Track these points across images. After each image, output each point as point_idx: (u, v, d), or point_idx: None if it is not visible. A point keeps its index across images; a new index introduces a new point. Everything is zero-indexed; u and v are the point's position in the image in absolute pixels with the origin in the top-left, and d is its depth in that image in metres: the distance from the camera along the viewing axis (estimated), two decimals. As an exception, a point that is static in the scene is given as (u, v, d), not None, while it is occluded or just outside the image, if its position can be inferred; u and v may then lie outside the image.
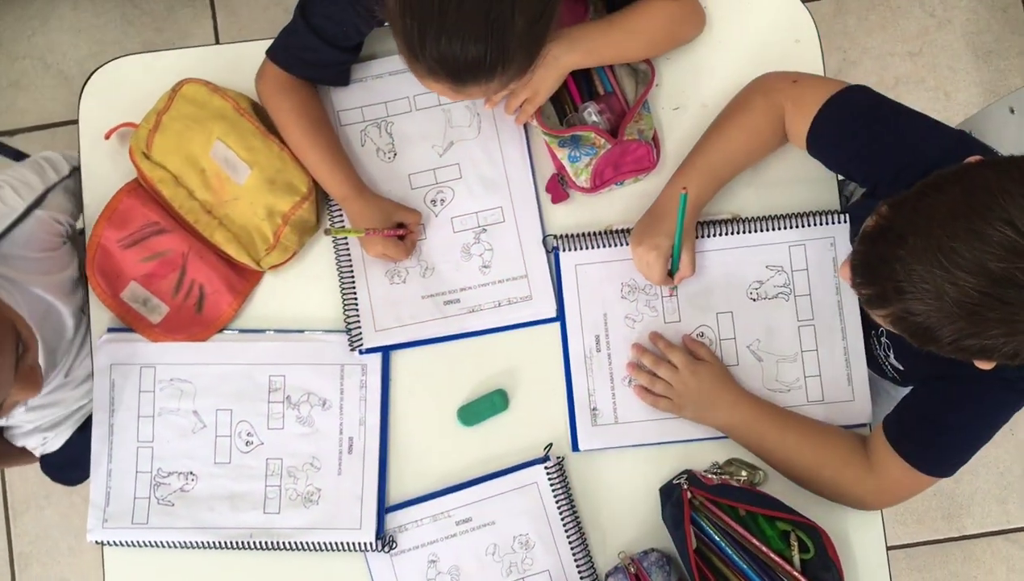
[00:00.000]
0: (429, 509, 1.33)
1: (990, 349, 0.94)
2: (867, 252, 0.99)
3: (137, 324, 1.37)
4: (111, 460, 1.35)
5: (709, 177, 1.29)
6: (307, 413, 1.35)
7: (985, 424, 1.17)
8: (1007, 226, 0.88)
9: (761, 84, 1.32)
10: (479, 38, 1.05)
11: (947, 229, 0.91)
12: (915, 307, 0.94)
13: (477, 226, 1.37)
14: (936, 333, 0.95)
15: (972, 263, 0.89)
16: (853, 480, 1.25)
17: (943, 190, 0.94)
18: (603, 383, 1.35)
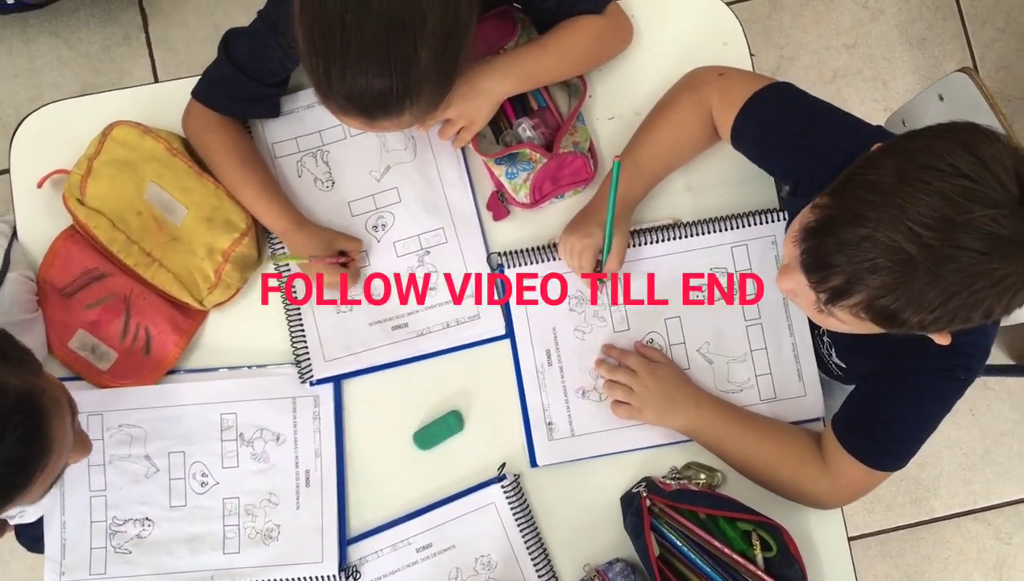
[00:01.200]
0: (389, 538, 1.32)
1: (962, 316, 0.92)
2: (820, 245, 0.96)
3: (86, 372, 1.35)
4: (64, 512, 1.33)
5: (640, 174, 1.30)
6: (261, 449, 1.34)
7: (927, 415, 1.18)
8: (961, 177, 0.88)
9: (689, 79, 1.33)
10: (383, 73, 1.05)
11: (903, 194, 0.90)
12: (883, 284, 0.92)
13: (420, 249, 1.37)
14: (905, 314, 0.93)
15: (933, 220, 0.88)
16: (810, 480, 1.26)
17: (879, 165, 0.93)
18: (557, 397, 1.35)
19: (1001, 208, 0.88)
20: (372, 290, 1.35)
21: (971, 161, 0.89)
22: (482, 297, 1.36)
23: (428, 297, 1.36)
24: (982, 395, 2.31)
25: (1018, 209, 0.88)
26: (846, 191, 0.96)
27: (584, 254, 1.29)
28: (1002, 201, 0.88)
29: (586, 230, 1.29)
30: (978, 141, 0.90)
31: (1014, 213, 0.88)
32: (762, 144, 1.27)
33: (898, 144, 0.96)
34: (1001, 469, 2.29)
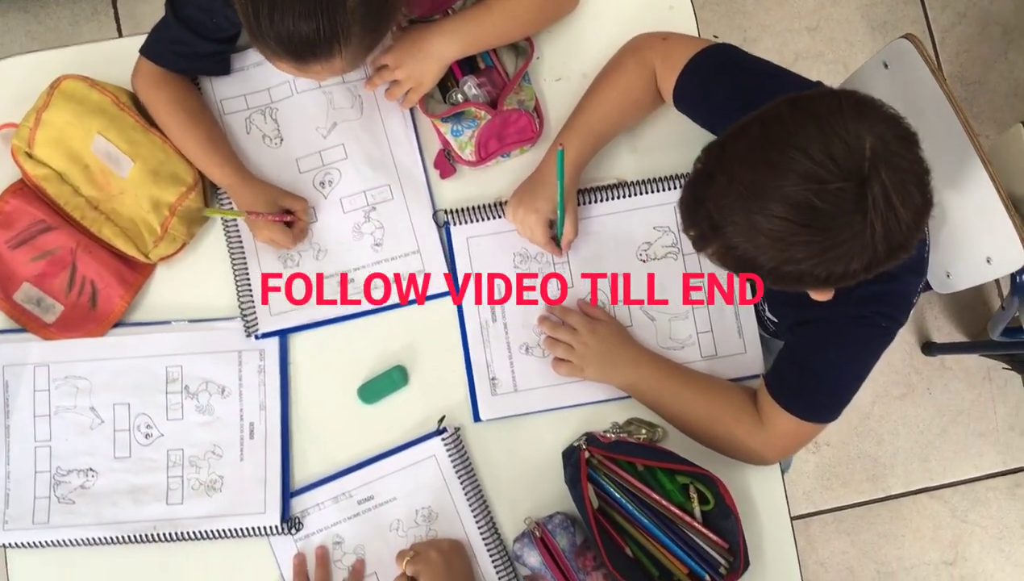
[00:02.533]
0: (330, 491, 1.33)
1: (805, 275, 0.98)
2: (686, 197, 1.04)
3: (32, 325, 1.36)
4: (8, 462, 1.34)
5: (587, 137, 1.31)
6: (206, 402, 1.34)
7: (852, 363, 1.20)
8: (801, 153, 0.92)
9: (633, 44, 1.35)
10: (309, 15, 1.07)
11: (747, 164, 0.96)
12: (731, 241, 0.98)
13: (366, 205, 1.38)
14: (755, 263, 0.99)
15: (772, 191, 0.94)
16: (744, 433, 1.28)
17: (746, 129, 0.99)
18: (501, 353, 1.36)
19: (832, 183, 0.91)
20: (372, 291, 1.36)
21: (816, 137, 0.92)
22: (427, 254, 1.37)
23: (374, 253, 1.37)
24: (939, 374, 2.34)
25: (852, 185, 0.92)
26: (713, 149, 1.02)
27: (536, 227, 1.32)
28: (834, 177, 0.91)
29: (533, 204, 1.31)
30: (833, 114, 0.93)
31: (847, 190, 0.92)
32: (704, 105, 1.29)
33: (767, 112, 0.99)
34: (957, 447, 2.32)
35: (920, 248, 1.20)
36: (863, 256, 0.95)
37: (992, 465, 2.31)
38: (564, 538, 1.29)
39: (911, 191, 0.94)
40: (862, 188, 0.91)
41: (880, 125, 0.93)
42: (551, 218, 1.31)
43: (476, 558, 1.32)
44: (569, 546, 1.29)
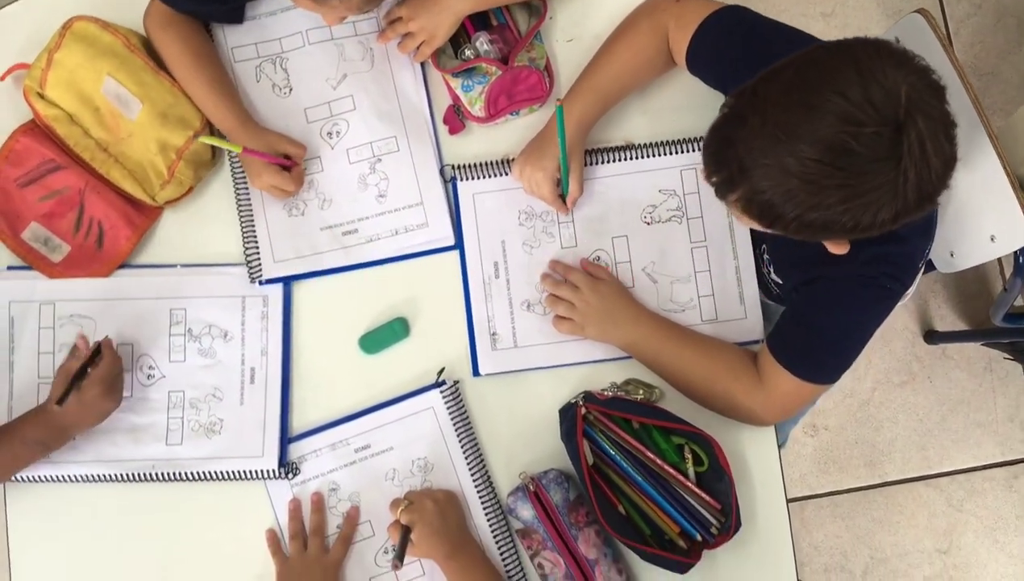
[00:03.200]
0: (327, 438, 1.34)
1: (832, 223, 0.97)
2: (713, 140, 1.03)
3: (38, 264, 1.37)
4: (12, 397, 1.35)
5: (596, 96, 1.32)
6: (208, 345, 1.35)
7: (855, 324, 1.20)
8: (838, 96, 0.91)
9: (647, 5, 1.35)
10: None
11: (782, 105, 0.95)
12: (759, 185, 0.97)
13: (372, 156, 1.39)
14: (781, 209, 0.98)
15: (807, 134, 0.93)
16: (743, 393, 1.28)
17: (779, 73, 0.98)
18: (502, 308, 1.37)
19: (869, 127, 0.91)
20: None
21: (855, 80, 0.92)
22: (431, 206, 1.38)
23: (378, 204, 1.38)
24: (941, 363, 2.34)
25: (887, 131, 0.91)
26: (744, 92, 1.00)
27: (543, 184, 1.32)
28: (871, 121, 0.91)
29: (540, 163, 1.32)
30: (871, 59, 0.93)
31: (883, 134, 0.91)
32: (717, 66, 1.29)
33: (802, 56, 0.99)
34: (956, 437, 2.32)
35: (931, 211, 1.21)
36: (893, 205, 0.94)
37: (990, 456, 2.31)
38: (558, 493, 1.30)
39: (942, 141, 0.93)
40: (898, 134, 0.91)
41: (913, 75, 0.93)
42: (557, 176, 1.31)
43: (470, 510, 1.32)
44: (562, 501, 1.29)
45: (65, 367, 1.29)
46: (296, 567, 1.29)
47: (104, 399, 1.26)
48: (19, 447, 1.25)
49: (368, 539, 1.33)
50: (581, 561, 1.27)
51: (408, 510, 1.25)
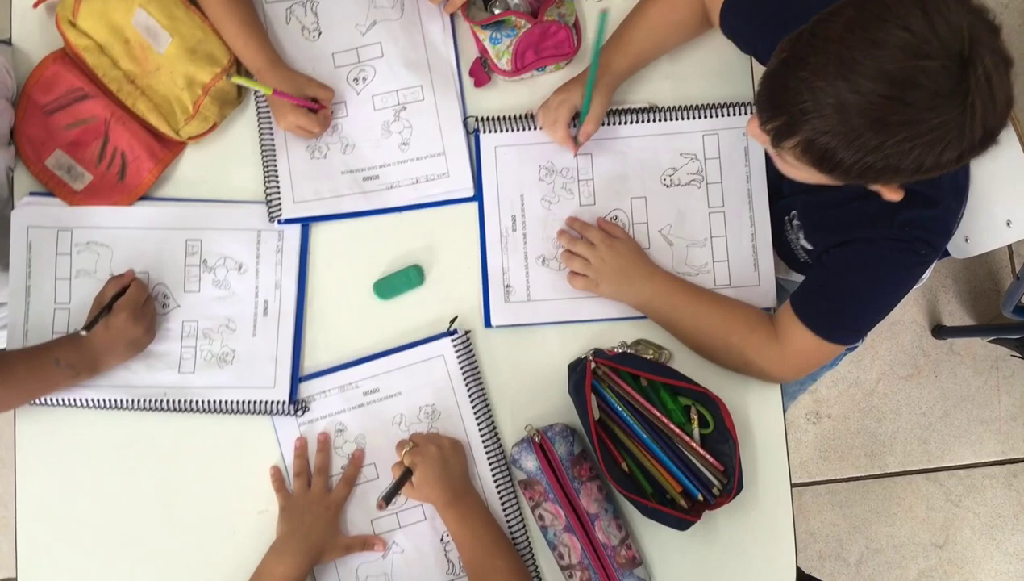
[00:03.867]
0: (337, 380, 1.35)
1: (894, 164, 0.95)
2: (770, 86, 1.00)
3: (60, 191, 1.38)
4: (27, 321, 1.36)
5: (627, 50, 1.33)
6: (223, 277, 1.37)
7: (882, 287, 1.21)
8: (903, 30, 0.91)
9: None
10: None
11: (845, 42, 0.93)
12: (821, 125, 0.95)
13: (397, 104, 1.40)
14: (841, 154, 0.96)
15: (871, 69, 0.91)
16: (758, 347, 1.29)
17: (837, 13, 0.96)
18: (517, 262, 1.38)
19: (935, 60, 0.90)
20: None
21: (919, 15, 0.91)
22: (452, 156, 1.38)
23: (400, 152, 1.39)
24: (947, 359, 2.34)
25: (954, 65, 0.90)
26: (801, 36, 0.99)
27: (561, 107, 1.32)
28: (938, 54, 0.90)
29: (566, 92, 1.33)
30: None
31: (949, 68, 0.90)
32: (751, 24, 1.27)
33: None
34: (958, 432, 2.32)
35: (965, 172, 1.21)
36: (960, 142, 0.93)
37: (991, 453, 2.32)
38: (562, 446, 1.30)
39: (1005, 77, 0.93)
40: (964, 69, 0.90)
41: (972, 13, 0.92)
42: (578, 110, 1.32)
43: (474, 459, 1.33)
44: (567, 454, 1.30)
45: (98, 297, 1.32)
46: (299, 504, 1.30)
47: (131, 325, 1.28)
48: (50, 369, 1.26)
49: (371, 481, 1.33)
50: (582, 514, 1.28)
51: (412, 452, 1.26)
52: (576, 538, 1.28)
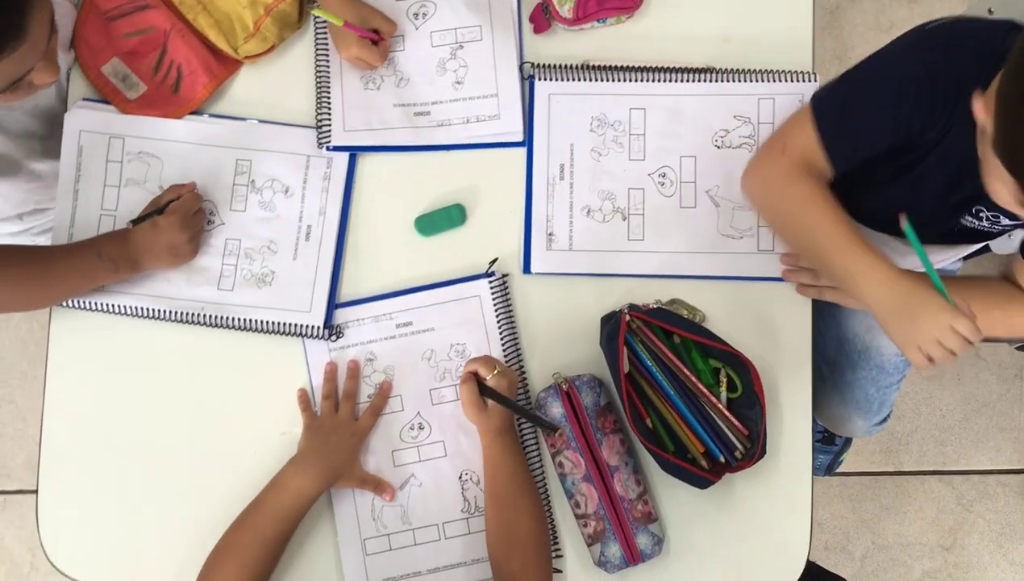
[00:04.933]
0: (371, 310, 1.36)
1: None
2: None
3: (114, 98, 1.39)
4: (73, 224, 1.37)
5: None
6: (269, 198, 1.37)
7: None
8: None
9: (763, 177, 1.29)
10: None
11: None
12: None
13: (455, 42, 1.40)
14: None
15: None
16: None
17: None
18: (562, 210, 1.38)
19: None
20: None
21: None
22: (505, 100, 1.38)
23: (454, 90, 1.39)
24: (972, 363, 2.33)
25: None
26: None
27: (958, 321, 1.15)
28: None
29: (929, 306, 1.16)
30: None
31: None
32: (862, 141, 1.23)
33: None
34: (976, 437, 2.31)
35: None
36: None
37: (1007, 461, 2.30)
38: (589, 396, 1.31)
39: None
40: None
41: None
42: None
43: (501, 400, 1.33)
44: (592, 405, 1.31)
45: (154, 200, 1.34)
46: (324, 426, 1.31)
47: (177, 230, 1.29)
48: (92, 260, 1.27)
49: (397, 413, 1.34)
50: (602, 465, 1.29)
51: (499, 375, 1.25)
52: (594, 488, 1.28)
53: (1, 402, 2.29)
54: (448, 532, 1.32)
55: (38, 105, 1.37)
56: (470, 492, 1.32)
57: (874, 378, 1.64)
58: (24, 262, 1.28)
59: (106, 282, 1.32)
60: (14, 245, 1.31)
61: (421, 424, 1.33)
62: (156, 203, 1.33)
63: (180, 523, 1.34)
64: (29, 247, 1.31)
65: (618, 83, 1.38)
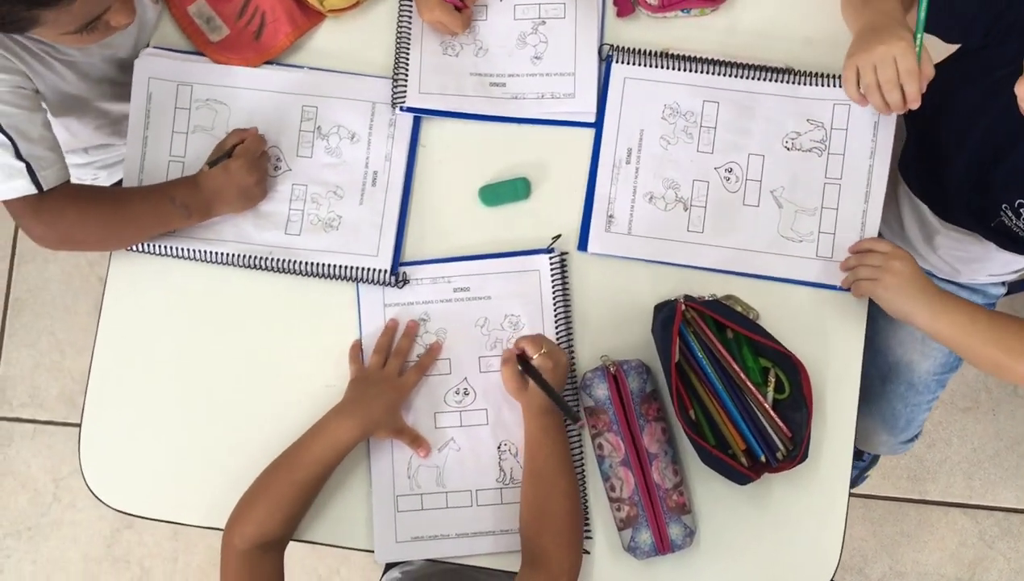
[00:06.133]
0: (430, 271, 1.36)
1: None
2: None
3: (196, 39, 1.40)
4: (142, 170, 1.39)
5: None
6: (335, 144, 1.38)
7: None
8: None
9: None
10: None
11: None
12: None
13: (537, 17, 1.40)
14: None
15: None
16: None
17: None
18: (625, 194, 1.38)
19: None
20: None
21: None
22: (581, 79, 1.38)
23: (531, 65, 1.39)
24: (1009, 400, 2.31)
25: None
26: None
27: (907, 55, 1.16)
28: None
29: (896, 35, 1.17)
30: None
31: None
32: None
33: None
34: (1006, 474, 2.29)
35: None
36: None
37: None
38: (636, 381, 1.31)
39: None
40: None
41: None
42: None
43: (548, 376, 1.34)
44: (638, 390, 1.31)
45: (219, 144, 1.36)
46: (371, 378, 1.32)
47: (246, 173, 1.30)
48: (166, 205, 1.29)
49: (443, 375, 1.35)
50: (641, 451, 1.29)
51: (545, 355, 1.26)
52: (631, 473, 1.28)
53: (41, 333, 2.32)
54: (481, 500, 1.33)
55: (116, 54, 1.39)
56: (507, 463, 1.33)
57: (903, 394, 1.63)
58: (101, 201, 1.30)
59: (178, 227, 1.34)
60: (92, 185, 1.33)
61: (467, 390, 1.34)
62: (221, 148, 1.34)
63: (218, 464, 1.35)
64: (106, 188, 1.33)
65: (694, 73, 1.38)
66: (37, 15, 1.07)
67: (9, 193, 1.19)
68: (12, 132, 1.16)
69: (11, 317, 2.33)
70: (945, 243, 1.49)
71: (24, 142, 1.17)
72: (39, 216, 1.23)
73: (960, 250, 1.49)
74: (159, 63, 1.40)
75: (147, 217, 1.30)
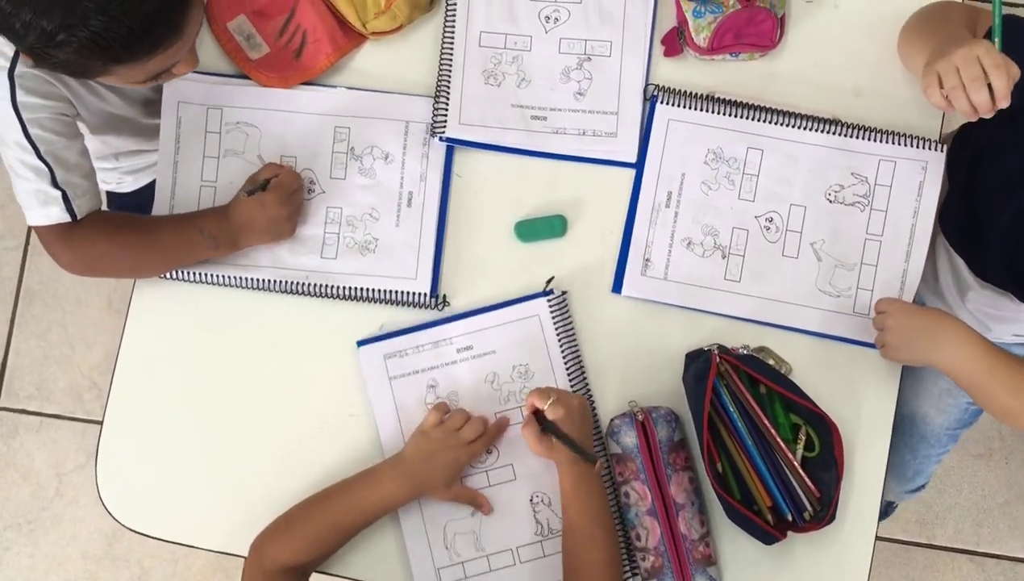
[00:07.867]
0: (432, 335, 1.34)
1: None
2: None
3: (236, 56, 1.38)
4: (174, 197, 1.37)
5: None
6: (369, 165, 1.36)
7: None
8: None
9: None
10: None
11: None
12: None
13: (583, 53, 1.38)
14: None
15: None
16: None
17: None
18: (663, 238, 1.36)
19: None
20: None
21: None
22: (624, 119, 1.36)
23: (575, 100, 1.37)
24: (1022, 448, 2.29)
25: None
26: None
27: (992, 54, 1.09)
28: None
29: (974, 43, 1.12)
30: None
31: None
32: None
33: None
34: (1014, 524, 2.28)
35: None
36: None
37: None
38: (664, 430, 1.29)
39: None
40: None
41: None
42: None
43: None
44: (667, 439, 1.29)
45: (252, 176, 1.33)
46: (441, 439, 1.27)
47: (277, 206, 1.28)
48: (195, 236, 1.27)
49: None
50: (668, 501, 1.27)
51: (556, 404, 1.22)
52: (657, 523, 1.27)
53: (52, 325, 2.30)
54: (523, 556, 1.30)
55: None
56: (542, 514, 1.30)
57: (913, 445, 1.61)
58: (131, 230, 1.28)
59: (205, 258, 1.32)
60: (124, 213, 1.32)
61: (488, 449, 1.31)
62: (254, 180, 1.32)
63: (233, 487, 1.34)
64: (135, 217, 1.31)
65: (740, 119, 1.36)
66: (110, 68, 1.06)
67: (43, 219, 1.17)
68: (50, 159, 1.15)
69: (22, 307, 2.30)
70: (977, 299, 1.47)
71: (61, 170, 1.16)
72: (69, 243, 1.21)
73: (992, 308, 1.47)
74: (188, 87, 1.37)
75: (176, 248, 1.29)
